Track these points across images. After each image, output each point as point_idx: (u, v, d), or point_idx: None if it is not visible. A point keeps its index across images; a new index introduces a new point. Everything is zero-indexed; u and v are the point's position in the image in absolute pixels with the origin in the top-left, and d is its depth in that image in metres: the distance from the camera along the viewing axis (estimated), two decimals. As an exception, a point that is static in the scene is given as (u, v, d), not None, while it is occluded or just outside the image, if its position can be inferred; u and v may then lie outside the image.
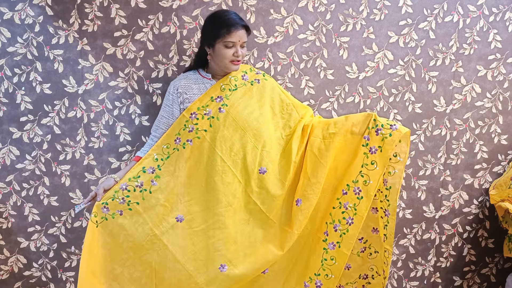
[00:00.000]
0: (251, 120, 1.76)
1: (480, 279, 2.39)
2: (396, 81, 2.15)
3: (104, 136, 2.10)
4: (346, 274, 1.88)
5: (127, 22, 2.01)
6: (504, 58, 2.17)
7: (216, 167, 1.73)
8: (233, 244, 1.72)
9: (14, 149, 2.07)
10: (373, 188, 1.68)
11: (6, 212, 2.12)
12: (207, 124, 1.75)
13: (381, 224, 1.77)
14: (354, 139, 1.71)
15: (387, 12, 2.09)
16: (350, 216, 1.70)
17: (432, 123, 2.21)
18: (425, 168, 2.25)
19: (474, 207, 2.31)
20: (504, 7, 2.13)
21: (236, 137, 1.75)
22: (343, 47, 2.11)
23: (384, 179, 1.72)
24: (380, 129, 1.67)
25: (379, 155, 1.67)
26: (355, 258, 1.87)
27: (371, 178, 1.68)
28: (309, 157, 1.75)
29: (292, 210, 1.75)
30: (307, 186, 1.72)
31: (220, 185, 1.72)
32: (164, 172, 1.76)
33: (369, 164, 1.68)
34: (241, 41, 1.71)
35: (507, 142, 2.26)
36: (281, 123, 1.84)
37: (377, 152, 1.67)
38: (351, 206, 1.70)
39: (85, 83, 2.05)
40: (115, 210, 1.72)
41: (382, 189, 1.74)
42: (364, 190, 1.69)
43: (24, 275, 2.18)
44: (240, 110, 1.77)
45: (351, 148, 1.72)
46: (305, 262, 1.79)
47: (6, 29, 1.97)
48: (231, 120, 1.75)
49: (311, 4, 2.06)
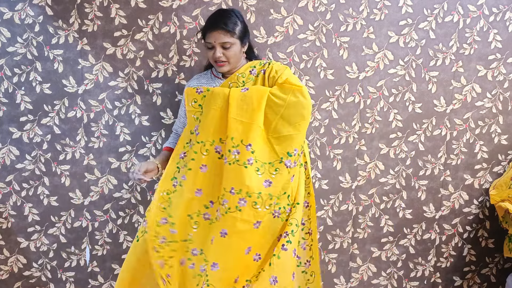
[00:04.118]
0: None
1: (480, 279, 2.39)
2: (396, 81, 2.15)
3: (104, 136, 2.10)
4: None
5: (127, 22, 2.01)
6: (504, 58, 2.17)
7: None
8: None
9: (14, 149, 2.07)
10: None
11: (6, 212, 2.12)
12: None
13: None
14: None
15: (387, 12, 2.09)
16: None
17: (432, 123, 2.21)
18: (425, 168, 2.25)
19: (474, 207, 2.31)
20: (504, 7, 2.12)
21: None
22: (343, 47, 2.11)
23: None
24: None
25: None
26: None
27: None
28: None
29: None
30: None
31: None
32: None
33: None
34: (217, 42, 1.63)
35: (507, 142, 2.25)
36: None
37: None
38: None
39: (85, 83, 2.05)
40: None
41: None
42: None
43: (24, 275, 2.18)
44: None
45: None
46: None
47: (6, 29, 1.97)
48: None
49: (311, 4, 2.05)
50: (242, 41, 1.69)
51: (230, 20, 1.64)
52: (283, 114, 1.61)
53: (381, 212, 2.27)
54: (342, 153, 2.20)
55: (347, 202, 2.25)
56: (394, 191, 2.26)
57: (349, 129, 2.18)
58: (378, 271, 2.34)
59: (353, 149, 2.20)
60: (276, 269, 1.61)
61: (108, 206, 2.16)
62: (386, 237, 2.30)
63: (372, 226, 2.28)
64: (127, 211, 2.18)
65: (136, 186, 2.16)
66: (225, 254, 1.62)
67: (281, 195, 1.64)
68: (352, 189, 2.24)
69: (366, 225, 2.28)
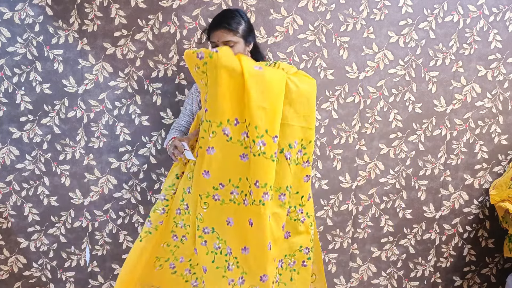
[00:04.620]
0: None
1: (480, 279, 2.39)
2: (396, 81, 2.15)
3: (104, 136, 2.10)
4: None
5: (127, 22, 2.01)
6: (504, 58, 2.17)
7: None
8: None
9: (14, 149, 2.07)
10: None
11: (6, 212, 2.12)
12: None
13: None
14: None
15: (387, 12, 2.09)
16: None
17: (432, 123, 2.21)
18: (425, 168, 2.25)
19: (474, 207, 2.31)
20: (504, 7, 2.12)
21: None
22: (343, 47, 2.11)
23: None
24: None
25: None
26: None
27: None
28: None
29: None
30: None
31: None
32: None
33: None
34: (220, 41, 1.64)
35: (507, 142, 2.25)
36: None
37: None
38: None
39: (85, 83, 2.05)
40: (157, 222, 1.70)
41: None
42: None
43: (24, 275, 2.18)
44: None
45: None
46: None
47: (6, 29, 1.97)
48: None
49: (311, 4, 2.05)
50: (246, 40, 1.70)
51: (234, 20, 1.66)
52: (293, 101, 1.56)
53: (381, 212, 2.27)
54: (342, 153, 2.20)
55: (347, 202, 2.24)
56: (394, 191, 2.26)
57: (349, 129, 2.18)
58: (378, 271, 2.34)
59: (353, 149, 2.20)
60: (297, 283, 1.67)
61: (108, 206, 2.16)
62: (386, 237, 2.30)
63: (372, 226, 2.28)
64: (127, 211, 2.18)
65: (136, 186, 2.16)
66: (254, 242, 1.60)
67: (293, 194, 1.63)
68: (352, 189, 2.24)
69: (366, 225, 2.28)
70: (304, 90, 1.58)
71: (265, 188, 1.54)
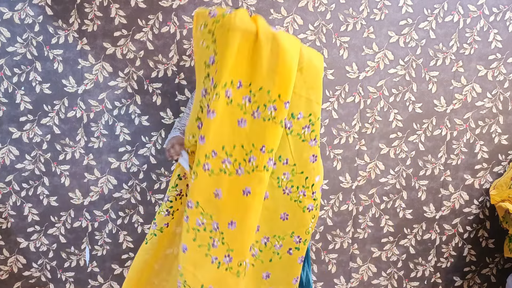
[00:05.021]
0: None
1: (480, 279, 2.39)
2: (396, 81, 2.15)
3: (103, 136, 2.10)
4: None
5: (127, 22, 2.01)
6: (505, 58, 2.17)
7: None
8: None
9: (14, 149, 2.07)
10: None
11: (5, 212, 2.11)
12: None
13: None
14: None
15: (387, 12, 2.09)
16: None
17: (432, 123, 2.20)
18: (426, 168, 2.25)
19: (475, 207, 2.31)
20: (504, 7, 2.12)
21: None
22: (343, 47, 2.10)
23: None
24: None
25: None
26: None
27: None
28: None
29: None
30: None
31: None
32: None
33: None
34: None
35: (507, 142, 2.25)
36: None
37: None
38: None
39: (85, 83, 2.04)
40: (162, 224, 1.66)
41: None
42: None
43: (24, 275, 2.18)
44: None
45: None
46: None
47: (6, 29, 1.97)
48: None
49: (311, 3, 2.05)
50: None
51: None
52: (303, 69, 1.51)
53: (381, 212, 2.27)
54: (342, 153, 2.19)
55: (347, 202, 2.24)
56: (394, 191, 2.25)
57: (349, 129, 2.18)
58: (378, 271, 2.34)
59: (353, 149, 2.20)
60: (275, 267, 1.58)
61: (108, 206, 2.16)
62: (386, 237, 2.30)
63: (372, 226, 2.28)
64: (127, 211, 2.17)
65: (136, 186, 2.16)
66: (244, 214, 1.52)
67: (297, 173, 1.57)
68: (352, 189, 2.23)
69: (366, 225, 2.28)
70: (315, 60, 1.54)
71: (271, 153, 1.48)
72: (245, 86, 1.46)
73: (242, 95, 1.47)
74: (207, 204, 1.52)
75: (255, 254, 1.62)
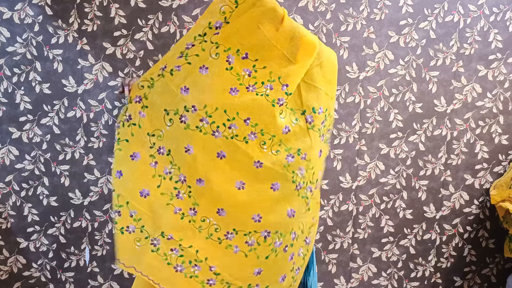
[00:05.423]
0: None
1: (480, 279, 2.39)
2: (396, 81, 2.15)
3: (103, 136, 2.10)
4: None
5: (127, 21, 2.00)
6: (505, 58, 2.16)
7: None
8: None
9: (14, 149, 2.07)
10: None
11: (5, 212, 2.11)
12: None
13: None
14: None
15: (387, 11, 2.09)
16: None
17: (432, 123, 2.20)
18: (426, 168, 2.24)
19: (475, 207, 2.31)
20: (504, 7, 2.12)
21: None
22: (344, 46, 2.10)
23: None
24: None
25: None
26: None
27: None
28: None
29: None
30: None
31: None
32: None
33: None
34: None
35: (507, 142, 2.25)
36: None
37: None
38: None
39: (85, 83, 2.04)
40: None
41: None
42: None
43: (24, 276, 2.18)
44: None
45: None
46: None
47: (6, 29, 1.97)
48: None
49: (311, 3, 2.05)
50: None
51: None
52: (322, 64, 1.52)
53: (382, 212, 2.27)
54: (342, 153, 2.19)
55: (347, 202, 2.24)
56: (395, 191, 2.25)
57: (349, 129, 2.18)
58: (379, 271, 2.34)
59: (353, 149, 2.20)
60: (270, 264, 1.55)
61: (107, 206, 2.16)
62: (386, 237, 2.30)
63: (372, 226, 2.28)
64: (126, 211, 2.17)
65: (135, 186, 2.15)
66: (215, 174, 1.50)
67: (309, 169, 1.54)
68: (353, 189, 2.23)
69: (367, 225, 2.27)
70: (332, 56, 1.57)
71: (255, 128, 1.47)
72: (250, 59, 1.47)
73: (244, 66, 1.47)
74: (177, 156, 1.52)
75: (251, 244, 1.57)
